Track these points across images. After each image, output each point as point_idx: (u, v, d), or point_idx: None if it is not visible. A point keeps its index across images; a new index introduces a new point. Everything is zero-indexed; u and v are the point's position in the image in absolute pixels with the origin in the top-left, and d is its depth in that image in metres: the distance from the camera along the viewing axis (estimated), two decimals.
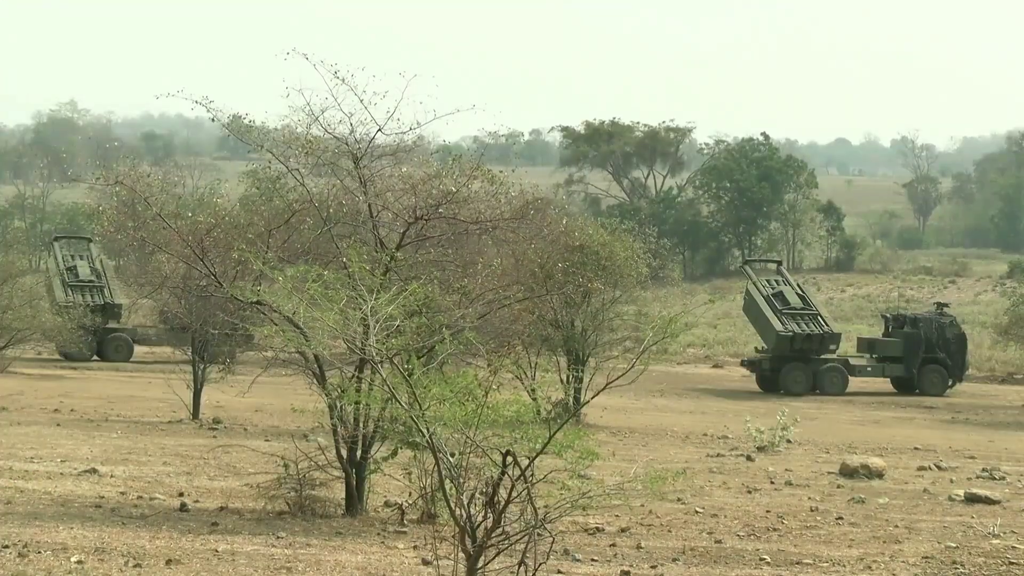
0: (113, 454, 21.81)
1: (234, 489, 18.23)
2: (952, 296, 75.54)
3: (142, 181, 22.08)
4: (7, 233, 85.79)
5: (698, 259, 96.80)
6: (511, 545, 11.17)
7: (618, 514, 16.84)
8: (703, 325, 64.08)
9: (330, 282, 13.49)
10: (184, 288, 27.42)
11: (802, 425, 30.03)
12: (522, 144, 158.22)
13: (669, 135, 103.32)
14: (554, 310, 31.42)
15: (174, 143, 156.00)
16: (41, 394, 33.81)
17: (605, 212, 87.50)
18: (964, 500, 19.82)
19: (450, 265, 18.88)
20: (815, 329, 46.40)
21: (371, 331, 12.48)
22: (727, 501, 19.08)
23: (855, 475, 22.25)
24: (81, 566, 12.95)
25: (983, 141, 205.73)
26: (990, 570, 14.59)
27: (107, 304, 49.01)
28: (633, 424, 32.45)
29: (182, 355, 32.92)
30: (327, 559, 13.75)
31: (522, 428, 11.37)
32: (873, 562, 14.77)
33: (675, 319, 11.94)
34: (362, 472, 16.56)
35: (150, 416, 29.43)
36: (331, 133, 17.69)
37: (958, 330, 48.38)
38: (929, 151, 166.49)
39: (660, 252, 68.79)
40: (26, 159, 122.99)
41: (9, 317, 40.70)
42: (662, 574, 13.88)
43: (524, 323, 25.68)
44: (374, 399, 14.15)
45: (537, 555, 11.13)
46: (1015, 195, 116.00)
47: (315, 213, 19.00)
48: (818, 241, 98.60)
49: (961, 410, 41.45)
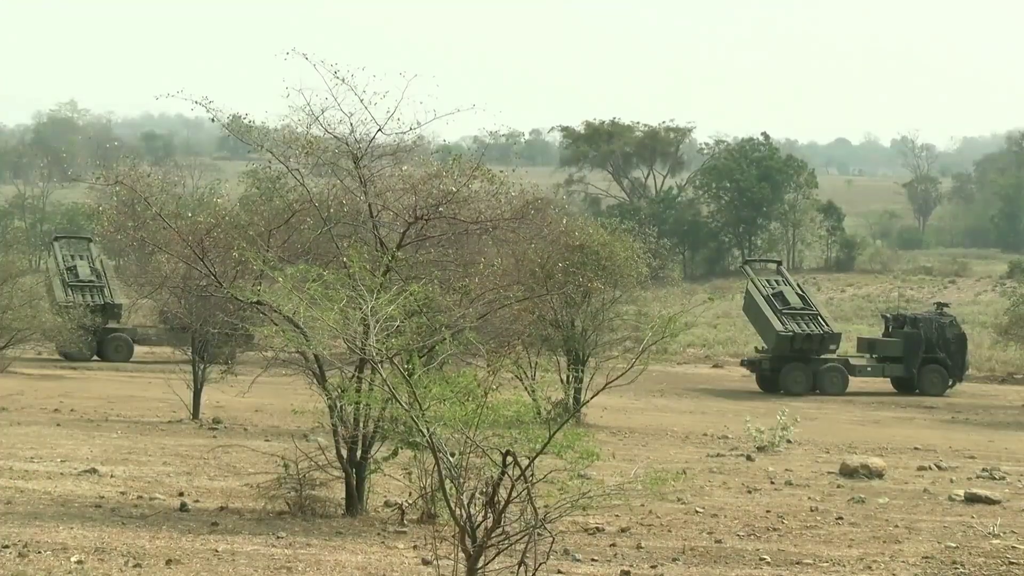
0: (113, 454, 21.81)
1: (234, 489, 18.23)
2: (952, 296, 75.54)
3: (142, 181, 22.08)
4: (7, 233, 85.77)
5: (698, 259, 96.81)
6: (511, 545, 11.17)
7: (618, 514, 16.84)
8: (703, 325, 64.06)
9: (330, 282, 13.50)
10: (184, 288, 27.42)
11: (802, 425, 30.02)
12: (522, 144, 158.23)
13: (669, 135, 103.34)
14: (554, 310, 31.42)
15: (174, 143, 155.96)
16: (41, 394, 33.81)
17: (605, 212, 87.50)
18: (964, 500, 19.82)
19: (450, 265, 18.87)
20: (815, 329, 46.39)
21: (371, 331, 12.48)
22: (727, 501, 19.08)
23: (855, 475, 22.25)
24: (81, 566, 12.95)
25: (983, 141, 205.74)
26: (990, 570, 14.59)
27: (107, 304, 49.00)
28: (633, 424, 32.45)
29: (182, 355, 32.91)
30: (327, 559, 13.75)
31: (522, 428, 11.37)
32: (873, 562, 14.77)
33: (675, 319, 11.94)
34: (362, 472, 16.56)
35: (150, 416, 29.43)
36: (331, 133, 17.69)
37: (958, 330, 48.38)
38: (929, 151, 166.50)
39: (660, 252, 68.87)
40: (26, 159, 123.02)
41: (9, 317, 40.70)
42: (662, 574, 13.88)
43: (524, 323, 25.67)
44: (374, 399, 14.15)
45: (537, 555, 11.13)
46: (1015, 195, 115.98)
47: (315, 213, 19.00)
48: (818, 241, 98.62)
49: (961, 410, 41.45)
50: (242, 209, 29.87)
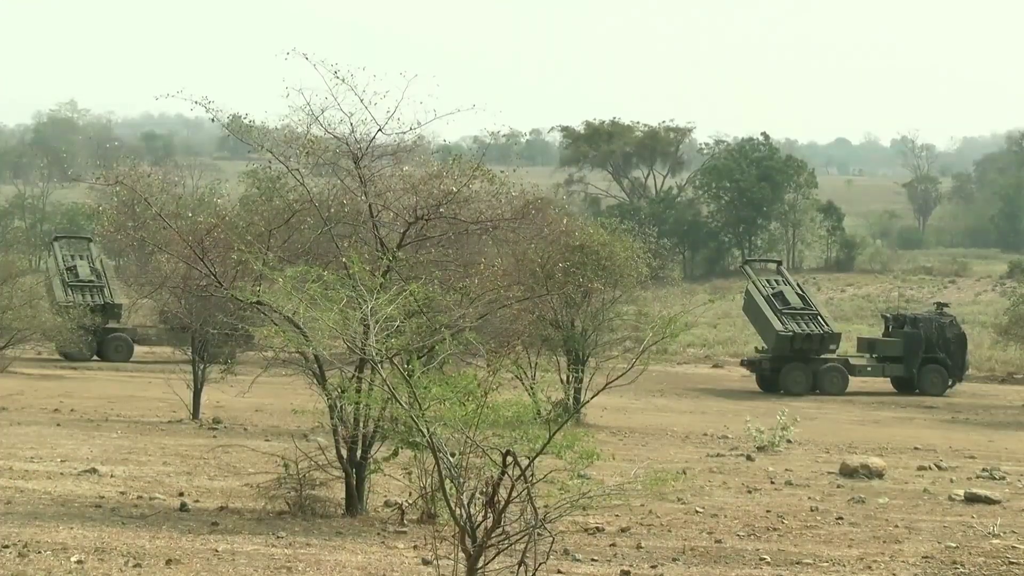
0: (113, 454, 21.81)
1: (234, 489, 18.23)
2: (952, 296, 75.56)
3: (142, 181, 22.10)
4: (7, 233, 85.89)
5: (698, 259, 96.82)
6: (511, 545, 11.16)
7: (618, 514, 16.84)
8: (703, 325, 64.09)
9: (330, 282, 13.49)
10: (184, 288, 27.42)
11: (802, 425, 30.03)
12: (522, 144, 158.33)
13: (669, 135, 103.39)
14: (554, 310, 31.43)
15: (174, 143, 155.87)
16: (41, 394, 33.81)
17: (605, 212, 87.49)
18: (964, 500, 19.82)
19: (450, 265, 18.87)
20: (815, 329, 46.41)
21: (371, 331, 12.48)
22: (727, 501, 19.08)
23: (855, 475, 22.25)
24: (81, 566, 12.95)
25: (983, 141, 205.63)
26: (990, 570, 14.59)
27: (107, 304, 49.03)
28: (633, 424, 32.45)
29: (182, 355, 32.93)
30: (327, 559, 13.74)
31: (522, 428, 11.37)
32: (873, 562, 14.77)
33: (675, 319, 11.93)
34: (362, 472, 16.56)
35: (150, 416, 29.43)
36: (331, 133, 17.70)
37: (958, 330, 48.41)
38: (929, 151, 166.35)
39: (660, 252, 68.91)
40: (26, 159, 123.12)
41: (9, 317, 40.72)
42: (662, 574, 13.88)
43: (524, 323, 25.69)
44: (374, 399, 14.14)
45: (537, 555, 11.12)
46: (1015, 195, 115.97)
47: (315, 213, 19.00)
48: (818, 241, 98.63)
49: (961, 410, 41.46)
50: (242, 209, 29.84)
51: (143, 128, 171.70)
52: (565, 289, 30.31)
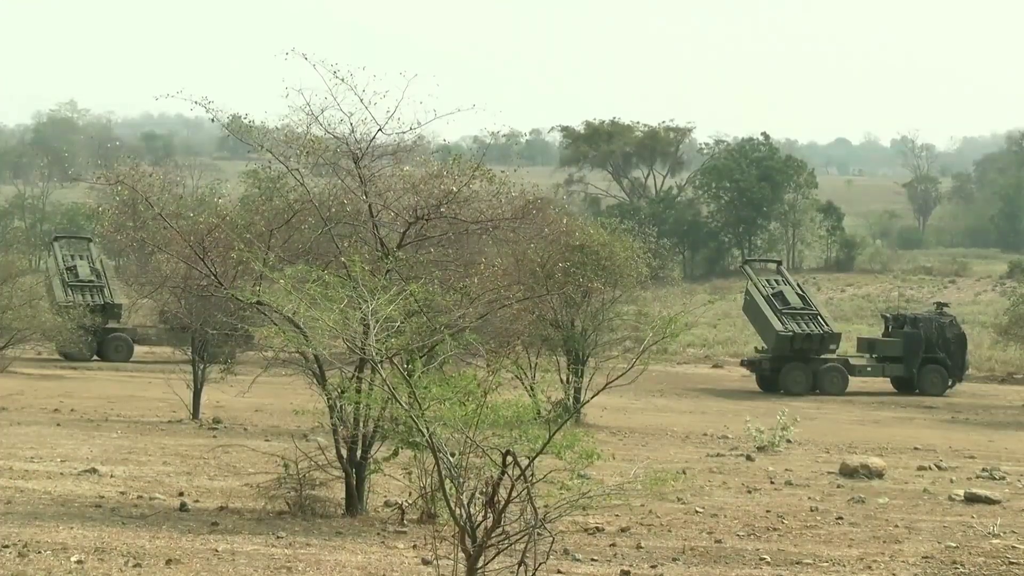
0: (113, 454, 21.81)
1: (234, 489, 18.23)
2: (952, 296, 75.57)
3: (143, 181, 22.07)
4: (7, 233, 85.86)
5: (698, 259, 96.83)
6: (511, 545, 11.16)
7: (618, 514, 16.84)
8: (703, 325, 64.08)
9: (330, 282, 13.49)
10: (184, 288, 27.41)
11: (802, 425, 30.03)
12: (522, 144, 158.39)
13: (669, 135, 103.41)
14: (554, 310, 31.43)
15: (174, 143, 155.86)
16: (41, 394, 33.81)
17: (605, 212, 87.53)
18: (964, 500, 19.82)
19: (451, 265, 18.87)
20: (815, 329, 46.41)
21: (371, 331, 12.48)
22: (727, 501, 19.08)
23: (855, 475, 22.25)
24: (81, 566, 12.95)
25: (983, 141, 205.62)
26: (990, 570, 14.59)
27: (107, 304, 49.04)
28: (633, 424, 32.45)
29: (182, 355, 32.92)
30: (327, 559, 13.75)
31: (522, 428, 11.37)
32: (873, 562, 14.77)
33: (675, 319, 11.94)
34: (362, 472, 16.56)
35: (150, 416, 29.43)
36: (331, 133, 17.70)
37: (958, 330, 48.40)
38: (929, 151, 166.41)
39: (660, 252, 68.91)
40: (26, 159, 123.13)
41: (9, 317, 40.72)
42: (662, 574, 13.88)
43: (524, 323, 25.68)
44: (374, 399, 14.14)
45: (537, 555, 11.12)
46: (1015, 195, 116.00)
47: (315, 213, 19.00)
48: (818, 241, 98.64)
49: (961, 410, 41.46)
50: (243, 209, 29.85)
51: (143, 128, 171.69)
52: (565, 289, 30.30)
